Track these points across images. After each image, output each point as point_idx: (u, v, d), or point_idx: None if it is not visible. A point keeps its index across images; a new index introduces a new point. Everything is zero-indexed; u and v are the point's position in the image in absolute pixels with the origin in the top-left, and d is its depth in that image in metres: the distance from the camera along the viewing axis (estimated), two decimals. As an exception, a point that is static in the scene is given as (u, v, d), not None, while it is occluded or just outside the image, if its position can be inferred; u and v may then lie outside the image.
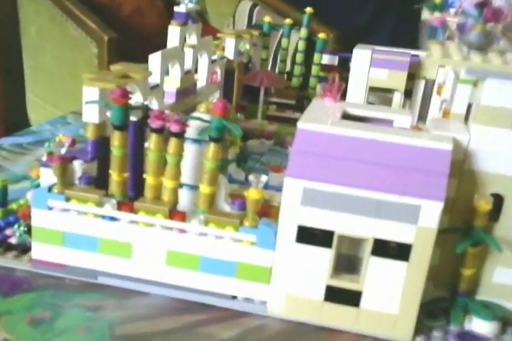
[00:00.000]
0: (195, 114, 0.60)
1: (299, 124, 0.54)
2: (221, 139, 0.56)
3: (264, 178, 0.54)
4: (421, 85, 1.03)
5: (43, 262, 0.61)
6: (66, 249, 0.60)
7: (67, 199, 0.58)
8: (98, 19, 1.85)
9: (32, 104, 2.14)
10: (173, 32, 0.83)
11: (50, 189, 0.59)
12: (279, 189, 0.70)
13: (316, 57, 1.10)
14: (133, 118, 0.62)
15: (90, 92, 0.60)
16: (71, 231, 0.59)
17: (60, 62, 1.95)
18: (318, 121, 0.54)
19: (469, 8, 0.51)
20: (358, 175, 0.52)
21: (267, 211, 0.59)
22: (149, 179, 0.58)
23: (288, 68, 1.15)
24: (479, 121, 0.53)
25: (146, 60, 0.78)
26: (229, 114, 0.55)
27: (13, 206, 0.70)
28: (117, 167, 0.58)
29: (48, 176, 0.59)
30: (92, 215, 0.58)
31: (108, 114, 0.62)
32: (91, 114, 0.61)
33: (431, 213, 0.51)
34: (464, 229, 0.56)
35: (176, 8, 0.84)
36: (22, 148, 0.96)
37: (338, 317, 0.55)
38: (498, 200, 0.55)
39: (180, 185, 0.60)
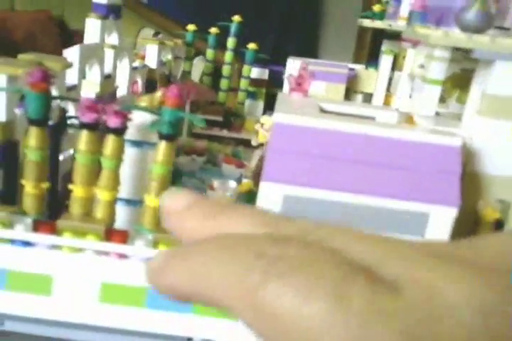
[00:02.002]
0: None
1: (275, 117, 0.43)
2: (175, 136, 0.43)
3: (232, 184, 0.43)
4: (358, 100, 0.98)
5: None
6: (-41, 286, 0.44)
7: (-38, 220, 0.43)
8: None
9: None
10: (92, 26, 0.70)
11: None
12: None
13: (245, 69, 1.01)
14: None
15: (-7, 80, 0.46)
16: (-33, 263, 0.43)
17: None
18: (299, 113, 0.44)
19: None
20: (351, 177, 0.42)
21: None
22: (77, 190, 0.44)
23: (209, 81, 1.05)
24: (485, 113, 0.45)
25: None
26: (184, 105, 0.43)
27: None
28: (34, 175, 0.44)
29: None
30: (-2, 239, 0.43)
31: (17, 111, 0.48)
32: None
33: (442, 222, 0.42)
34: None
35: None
36: None
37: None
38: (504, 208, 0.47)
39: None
